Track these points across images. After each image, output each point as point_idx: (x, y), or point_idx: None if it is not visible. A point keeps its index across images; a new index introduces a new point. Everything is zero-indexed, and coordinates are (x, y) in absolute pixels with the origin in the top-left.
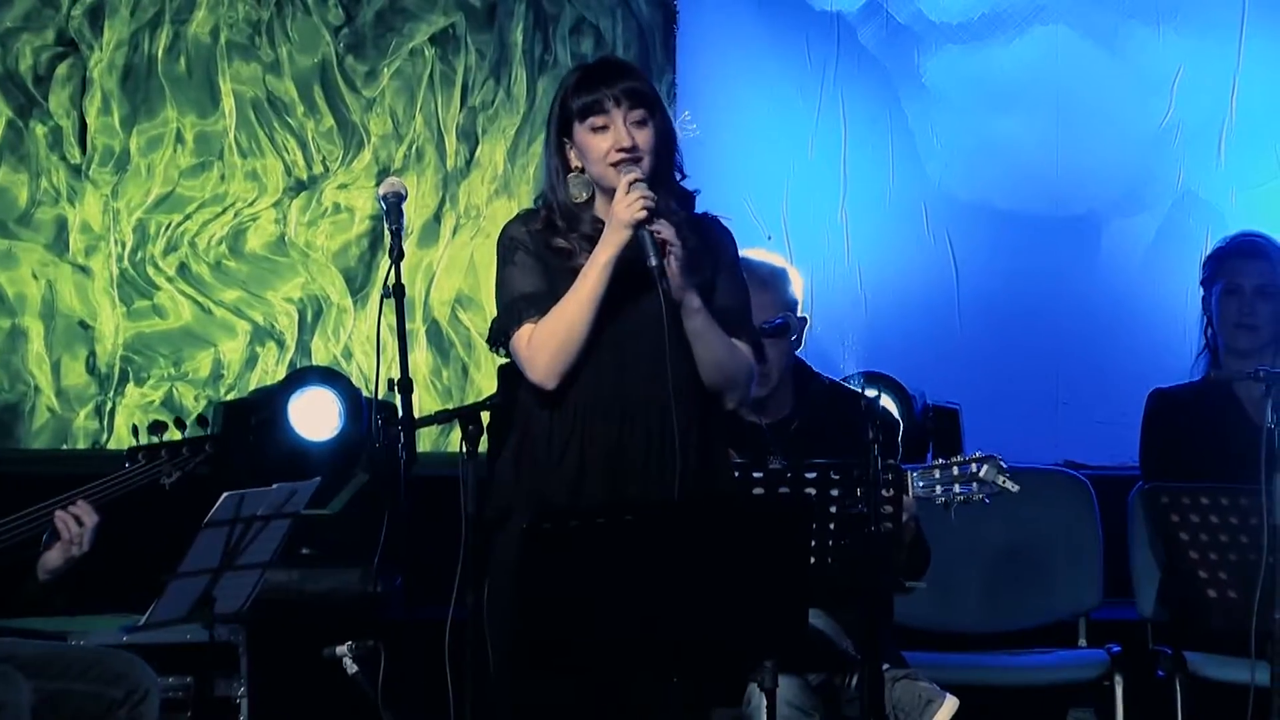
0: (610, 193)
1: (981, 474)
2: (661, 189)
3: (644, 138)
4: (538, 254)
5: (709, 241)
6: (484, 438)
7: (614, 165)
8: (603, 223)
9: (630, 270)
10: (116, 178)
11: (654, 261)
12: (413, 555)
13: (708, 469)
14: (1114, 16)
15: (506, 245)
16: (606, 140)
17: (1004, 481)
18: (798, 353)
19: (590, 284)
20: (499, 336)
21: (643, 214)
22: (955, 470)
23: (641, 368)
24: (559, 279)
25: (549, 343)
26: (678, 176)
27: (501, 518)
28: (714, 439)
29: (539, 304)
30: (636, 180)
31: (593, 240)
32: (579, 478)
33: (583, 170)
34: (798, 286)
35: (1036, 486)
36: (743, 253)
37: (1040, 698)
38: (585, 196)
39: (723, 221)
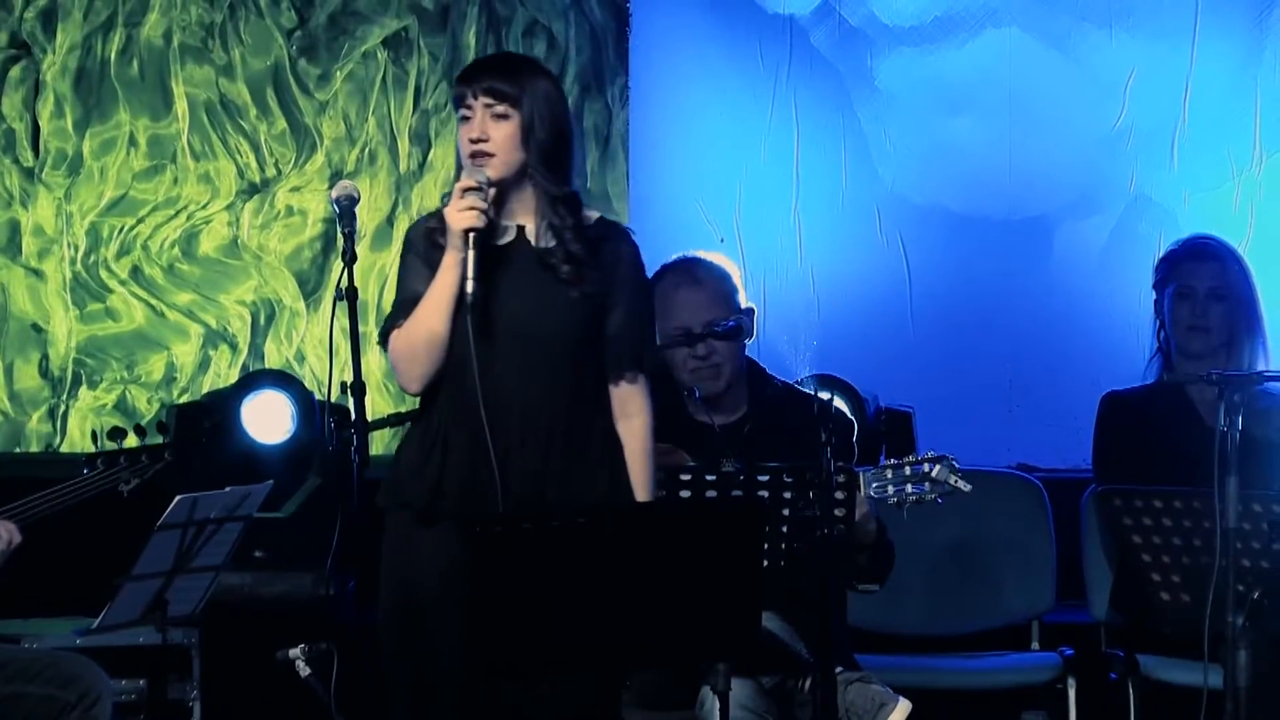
0: None
1: (934, 474)
2: (533, 189)
3: (501, 133)
4: (425, 254)
5: (600, 252)
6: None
7: (471, 159)
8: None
9: (494, 273)
10: (69, 181)
11: (470, 287)
12: (366, 558)
13: (579, 484)
14: (1067, 19)
15: (403, 245)
16: (467, 132)
17: (956, 481)
18: (753, 356)
19: (438, 289)
20: (381, 338)
21: (470, 222)
22: (908, 470)
23: (507, 374)
24: None
25: (406, 348)
26: (562, 179)
27: (379, 516)
28: (597, 453)
29: (411, 308)
30: (469, 188)
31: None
32: (439, 482)
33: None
34: (738, 281)
35: (989, 489)
36: (681, 256)
37: (993, 701)
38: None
39: (624, 230)
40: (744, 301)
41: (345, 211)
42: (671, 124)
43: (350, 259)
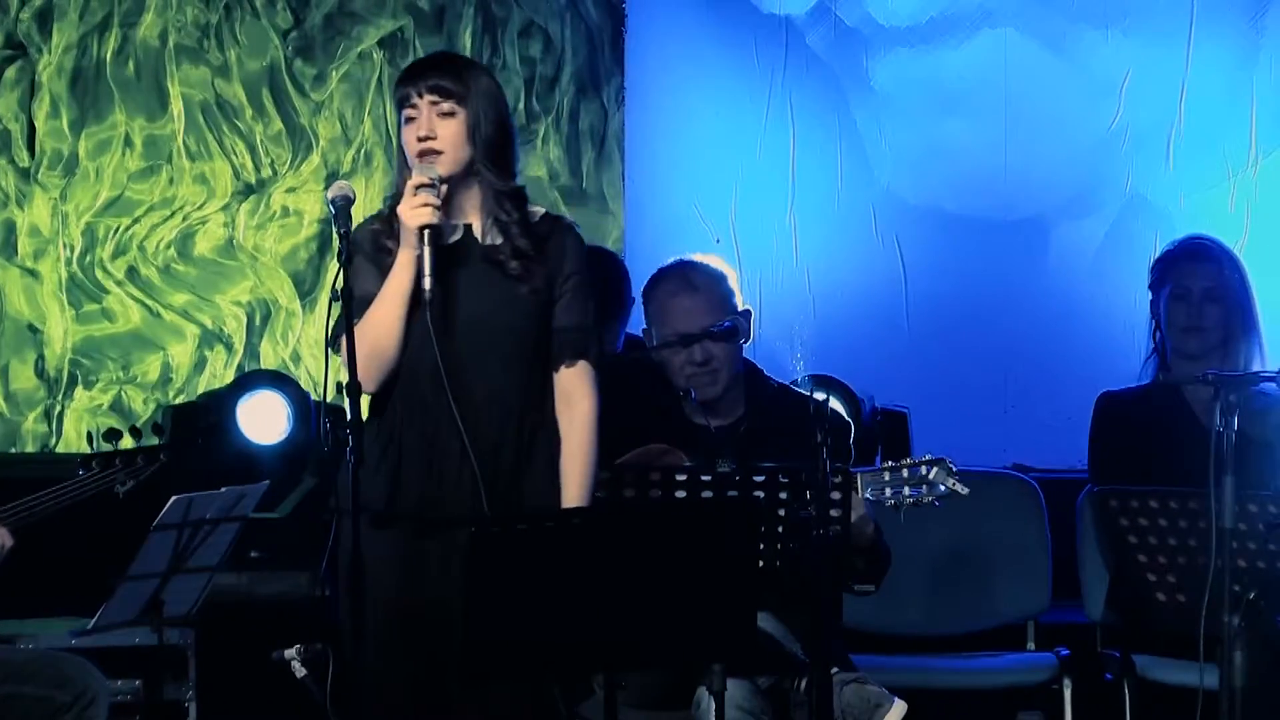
0: None
1: (931, 476)
2: (479, 185)
3: (448, 130)
4: (372, 255)
5: (546, 248)
6: None
7: (418, 157)
8: None
9: (445, 271)
10: (65, 181)
11: (427, 284)
12: (361, 558)
13: (526, 478)
14: (1062, 20)
15: (351, 248)
16: (414, 131)
17: (954, 484)
18: (748, 357)
19: (392, 286)
20: (332, 340)
21: (425, 219)
22: (905, 473)
23: (463, 371)
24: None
25: (360, 347)
26: (506, 174)
27: (335, 518)
28: (541, 448)
29: (363, 308)
30: (421, 184)
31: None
32: (394, 481)
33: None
34: (734, 284)
35: (985, 489)
36: (678, 259)
37: (989, 701)
38: None
39: (566, 221)
40: (740, 304)
41: (341, 212)
42: (667, 125)
43: (346, 260)
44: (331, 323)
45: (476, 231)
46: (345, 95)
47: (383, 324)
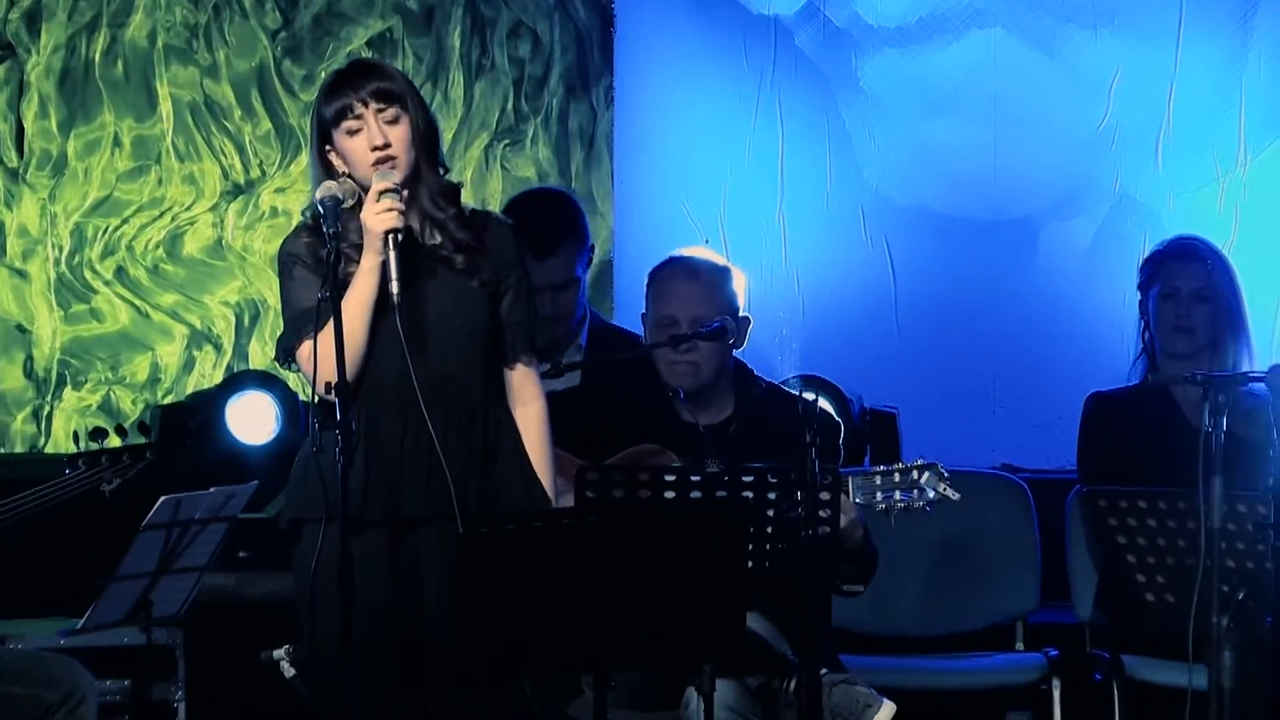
0: None
1: (922, 481)
2: (423, 187)
3: (397, 135)
4: (314, 267)
5: (485, 241)
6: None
7: (374, 166)
8: None
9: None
10: (54, 181)
11: (395, 286)
12: (350, 559)
13: (495, 473)
14: (1051, 20)
15: (284, 261)
16: (362, 141)
17: (945, 489)
18: (741, 355)
19: (358, 292)
20: (284, 354)
21: (391, 223)
22: (896, 477)
23: (426, 371)
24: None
25: (327, 355)
26: (441, 171)
27: (295, 523)
28: (506, 443)
29: (310, 318)
30: (385, 189)
31: (359, 248)
32: (366, 484)
33: (349, 175)
34: (740, 287)
35: (974, 490)
36: (689, 250)
37: (978, 701)
38: (352, 202)
39: (501, 219)
40: (742, 308)
41: (330, 212)
42: (656, 125)
43: (334, 260)
44: (281, 340)
45: (416, 232)
46: None
47: (350, 332)
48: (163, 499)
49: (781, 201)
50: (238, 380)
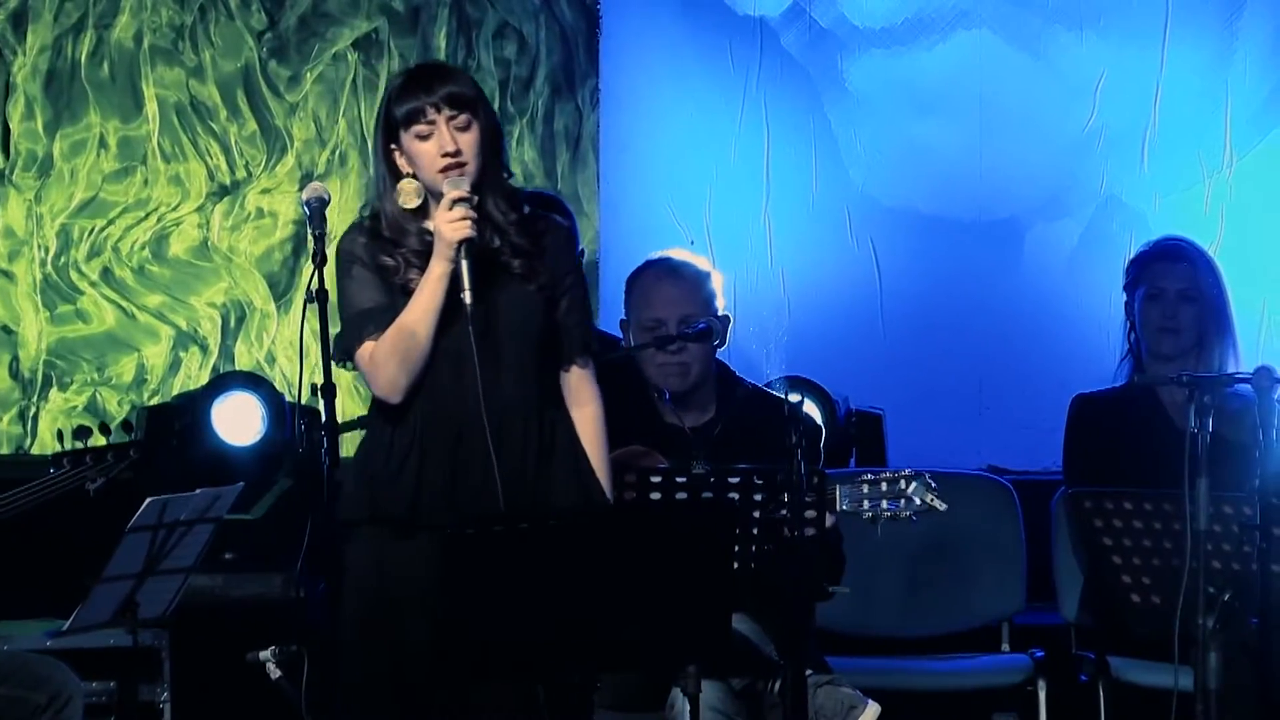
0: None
1: (910, 491)
2: (489, 192)
3: (468, 141)
4: (373, 266)
5: (543, 245)
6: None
7: (441, 172)
8: (431, 234)
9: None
10: (40, 182)
11: (467, 297)
12: (336, 560)
13: (552, 476)
14: (1037, 21)
15: (343, 259)
16: (432, 145)
17: (932, 500)
18: (723, 358)
19: (426, 299)
20: (343, 353)
21: (465, 233)
22: (884, 486)
23: (486, 375)
24: (394, 293)
25: (390, 358)
26: (505, 175)
27: (347, 529)
28: (563, 444)
29: (379, 319)
30: (459, 198)
31: (420, 254)
32: (416, 490)
33: (414, 176)
34: (719, 286)
35: (959, 491)
36: (666, 252)
37: (963, 703)
38: (418, 202)
39: (559, 221)
40: (722, 308)
41: (316, 213)
42: (642, 126)
43: (321, 261)
44: (340, 340)
45: (477, 236)
46: (320, 96)
47: (416, 337)
48: (149, 500)
49: (767, 202)
50: (223, 381)
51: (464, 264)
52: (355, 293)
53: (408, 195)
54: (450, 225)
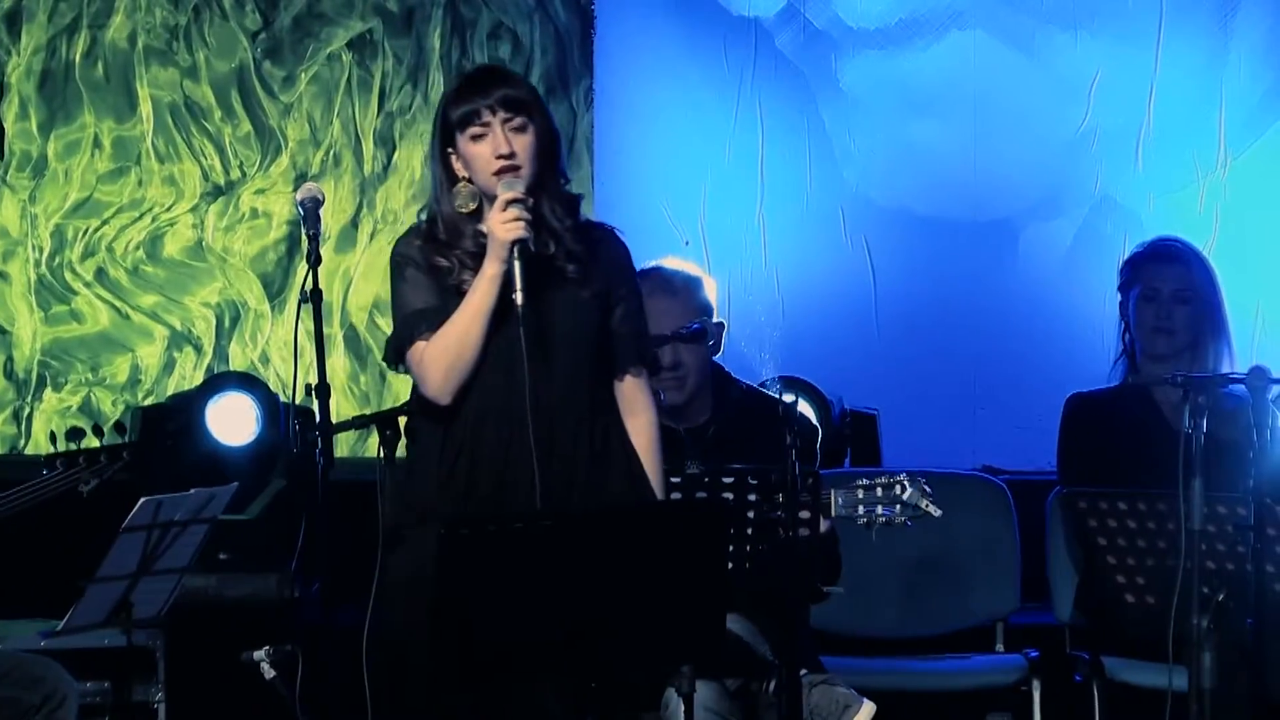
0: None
1: (905, 497)
2: (545, 196)
3: (523, 144)
4: (427, 269)
5: (598, 253)
6: (401, 442)
7: (496, 175)
8: (485, 236)
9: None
10: (34, 183)
11: (519, 297)
12: (330, 560)
13: (604, 481)
14: (1031, 21)
15: (397, 261)
16: (487, 148)
17: (927, 505)
18: (716, 359)
19: (478, 299)
20: (395, 354)
21: (518, 234)
22: (879, 491)
23: (537, 379)
24: (446, 295)
25: (441, 359)
26: (562, 181)
27: (394, 530)
28: (615, 450)
29: (431, 320)
30: (513, 199)
31: (475, 256)
32: (468, 490)
33: (470, 180)
34: (712, 293)
35: (954, 491)
36: (658, 262)
37: (958, 702)
38: (473, 206)
39: (616, 232)
40: (716, 314)
41: (310, 214)
42: (636, 126)
43: (315, 261)
44: (392, 340)
45: (531, 242)
46: (314, 97)
47: (467, 338)
48: (143, 500)
49: (762, 203)
50: (218, 381)
51: (516, 265)
52: (408, 294)
53: (464, 198)
54: (503, 226)
